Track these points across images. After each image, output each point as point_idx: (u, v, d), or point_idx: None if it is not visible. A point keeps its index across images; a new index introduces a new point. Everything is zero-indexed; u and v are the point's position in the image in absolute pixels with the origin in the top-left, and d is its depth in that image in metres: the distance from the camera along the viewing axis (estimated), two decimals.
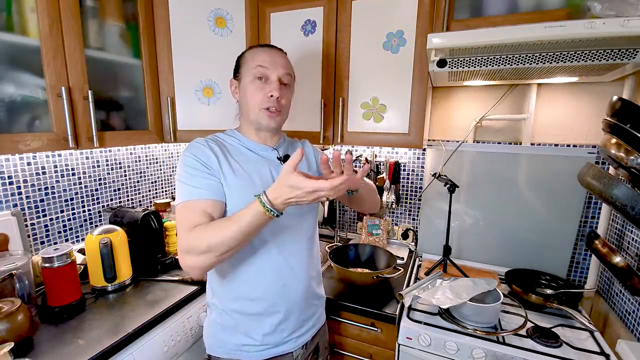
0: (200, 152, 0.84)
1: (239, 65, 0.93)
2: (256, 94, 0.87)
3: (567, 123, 1.35)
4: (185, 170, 0.82)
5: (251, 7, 1.41)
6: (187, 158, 0.83)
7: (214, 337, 0.92)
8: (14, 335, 0.84)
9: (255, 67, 0.87)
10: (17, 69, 0.93)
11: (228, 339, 0.90)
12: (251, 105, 0.88)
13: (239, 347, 0.89)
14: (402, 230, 1.65)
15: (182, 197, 0.81)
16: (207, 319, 0.96)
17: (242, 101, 0.92)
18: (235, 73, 0.94)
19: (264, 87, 0.87)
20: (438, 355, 1.05)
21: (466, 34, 0.98)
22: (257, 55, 0.89)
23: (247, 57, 0.91)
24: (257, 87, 0.87)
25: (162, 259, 1.34)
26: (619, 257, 0.98)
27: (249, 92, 0.88)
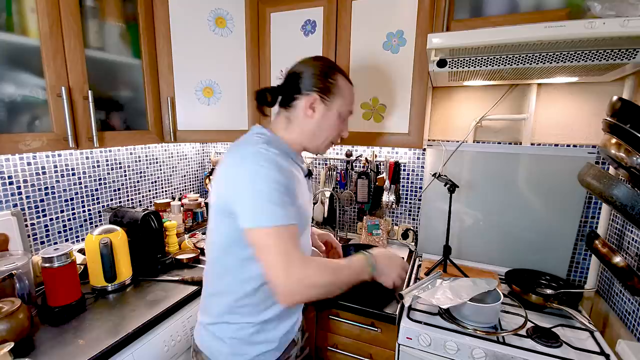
0: (284, 169, 0.78)
1: (332, 90, 0.87)
2: (335, 130, 0.91)
3: (567, 123, 1.35)
4: (277, 190, 0.73)
5: (251, 7, 1.41)
6: (275, 175, 0.75)
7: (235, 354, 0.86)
8: (14, 335, 0.84)
9: (348, 110, 0.92)
10: (17, 69, 0.94)
11: (249, 350, 0.86)
12: (325, 137, 0.91)
13: (259, 355, 0.87)
14: (402, 230, 1.65)
15: (276, 219, 0.72)
16: (217, 336, 0.87)
17: (317, 124, 0.88)
18: (324, 93, 0.87)
19: (341, 126, 0.93)
20: (438, 355, 1.05)
21: (466, 34, 0.97)
22: (352, 97, 0.93)
23: (344, 90, 0.90)
24: (339, 123, 0.91)
25: (162, 259, 1.34)
26: (619, 257, 0.98)
27: (330, 124, 0.89)
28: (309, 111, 0.87)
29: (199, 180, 2.08)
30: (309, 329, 1.27)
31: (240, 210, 0.74)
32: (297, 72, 0.89)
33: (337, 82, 0.88)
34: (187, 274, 1.28)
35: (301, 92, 0.87)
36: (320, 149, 0.93)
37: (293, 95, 0.88)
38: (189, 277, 1.24)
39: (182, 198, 1.84)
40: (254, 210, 0.73)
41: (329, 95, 0.87)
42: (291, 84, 0.89)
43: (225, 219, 0.79)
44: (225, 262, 0.84)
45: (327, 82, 0.87)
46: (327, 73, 0.88)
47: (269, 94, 0.90)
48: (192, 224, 1.81)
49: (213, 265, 0.88)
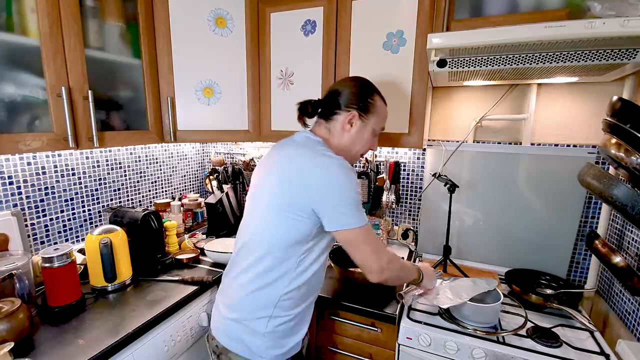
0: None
1: (370, 109, 0.97)
2: (368, 145, 1.01)
3: (567, 123, 1.35)
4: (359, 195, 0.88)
5: (251, 7, 1.41)
6: (356, 180, 0.88)
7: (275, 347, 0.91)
8: (14, 335, 0.84)
9: (380, 127, 1.02)
10: (17, 69, 0.93)
11: (285, 342, 0.93)
12: (359, 149, 1.00)
13: (293, 346, 0.94)
14: (402, 230, 1.65)
15: (363, 220, 0.86)
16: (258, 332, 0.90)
17: (353, 138, 0.97)
18: (363, 111, 0.96)
19: (373, 140, 1.02)
20: (438, 355, 1.05)
21: (466, 34, 0.98)
22: (385, 116, 1.02)
23: (380, 109, 0.99)
24: (372, 138, 1.01)
25: (162, 259, 1.34)
26: (619, 257, 0.98)
27: (365, 139, 0.99)
28: (347, 126, 0.96)
29: (199, 180, 2.08)
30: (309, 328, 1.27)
31: (330, 213, 0.85)
32: (339, 89, 0.98)
33: (375, 102, 0.98)
34: (187, 274, 1.28)
35: (341, 107, 0.96)
36: (353, 160, 1.01)
37: (334, 109, 0.97)
38: (189, 277, 1.24)
39: (182, 198, 1.84)
40: (348, 214, 0.84)
41: (366, 114, 0.96)
42: (332, 99, 0.97)
43: (297, 219, 0.86)
44: (282, 258, 0.89)
45: (367, 102, 0.96)
46: (367, 93, 0.97)
47: (311, 106, 0.98)
48: (192, 224, 1.81)
49: (261, 261, 0.90)
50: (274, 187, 0.89)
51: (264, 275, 0.90)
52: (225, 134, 1.51)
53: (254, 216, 0.95)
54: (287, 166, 0.89)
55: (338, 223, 0.85)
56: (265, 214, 0.91)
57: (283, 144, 0.99)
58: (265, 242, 0.90)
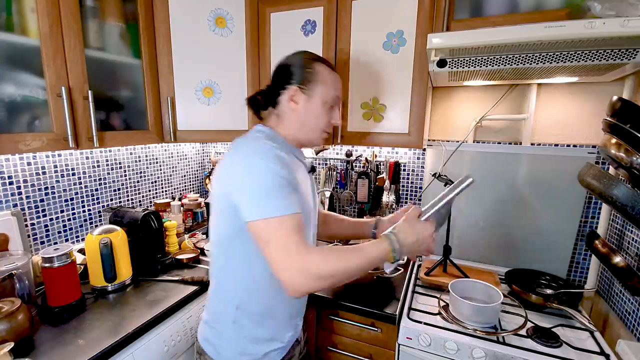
0: (284, 161, 0.78)
1: (311, 79, 0.86)
2: (323, 118, 0.89)
3: (567, 123, 1.35)
4: (279, 182, 0.74)
5: (251, 7, 1.41)
6: (275, 167, 0.75)
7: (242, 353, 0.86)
8: (14, 335, 0.84)
9: (334, 96, 0.89)
10: (17, 69, 0.93)
11: (256, 349, 0.87)
12: (315, 126, 0.89)
13: (267, 353, 0.87)
14: None
15: (280, 210, 0.71)
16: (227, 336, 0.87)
17: (303, 116, 0.88)
18: (303, 84, 0.86)
19: (330, 113, 0.90)
20: (438, 355, 1.05)
21: (466, 34, 0.97)
22: (335, 83, 0.90)
23: (325, 77, 0.88)
24: (325, 111, 0.89)
25: (162, 259, 1.34)
26: (619, 257, 0.98)
27: (315, 114, 0.88)
28: (291, 104, 0.87)
29: (199, 180, 2.08)
30: (309, 329, 1.27)
31: (242, 203, 0.74)
32: (278, 69, 0.90)
33: (314, 70, 0.87)
34: (187, 274, 1.28)
35: (282, 88, 0.88)
36: (313, 140, 0.91)
37: (277, 91, 0.89)
38: (189, 277, 1.24)
39: (182, 198, 1.84)
40: (254, 202, 0.73)
41: (307, 84, 0.86)
42: (274, 82, 0.90)
43: (227, 213, 0.79)
44: (229, 257, 0.84)
45: (305, 72, 0.87)
46: (304, 63, 0.88)
47: (260, 97, 0.92)
48: (192, 224, 1.81)
49: (216, 261, 0.88)
50: (214, 187, 0.84)
51: (221, 276, 0.87)
52: (225, 134, 1.51)
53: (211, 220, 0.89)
54: (221, 163, 0.83)
55: (246, 213, 0.73)
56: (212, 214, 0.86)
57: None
58: (213, 242, 0.87)
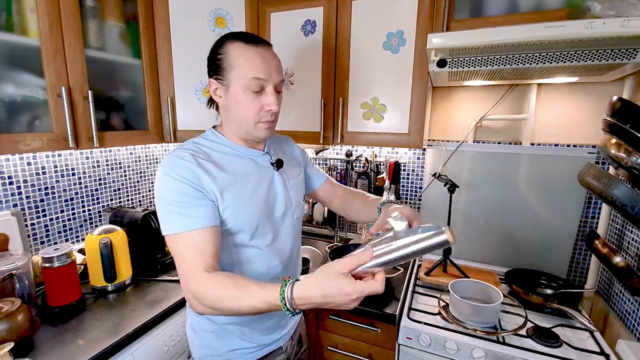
0: (189, 172, 0.72)
1: (222, 65, 0.76)
2: (251, 107, 0.76)
3: (567, 123, 1.35)
4: (176, 199, 0.70)
5: (251, 7, 1.41)
6: (175, 182, 0.70)
7: (204, 346, 0.86)
8: (14, 335, 0.84)
9: (251, 79, 0.74)
10: (17, 69, 0.94)
11: (221, 346, 0.85)
12: (244, 118, 0.78)
13: (232, 351, 0.85)
14: None
15: (175, 227, 0.70)
16: (192, 328, 0.88)
17: (230, 109, 0.79)
18: (216, 73, 0.78)
19: (260, 99, 0.76)
20: (438, 355, 1.05)
21: (466, 34, 0.97)
22: (251, 61, 0.75)
23: (235, 58, 0.75)
24: (251, 98, 0.76)
25: (162, 259, 1.34)
26: (619, 257, 0.98)
27: (241, 104, 0.76)
28: (216, 98, 0.80)
29: None
30: (309, 328, 1.27)
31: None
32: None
33: (226, 54, 0.76)
34: None
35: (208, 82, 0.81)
36: (252, 132, 0.80)
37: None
38: None
39: None
40: (159, 218, 0.72)
41: (221, 73, 0.77)
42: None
43: None
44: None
45: (215, 60, 0.78)
46: (215, 49, 0.79)
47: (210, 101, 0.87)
48: None
49: None
50: None
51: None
52: None
53: None
54: None
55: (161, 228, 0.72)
56: None
57: None
58: None
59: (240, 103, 0.76)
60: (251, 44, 0.76)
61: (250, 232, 0.79)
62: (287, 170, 0.91)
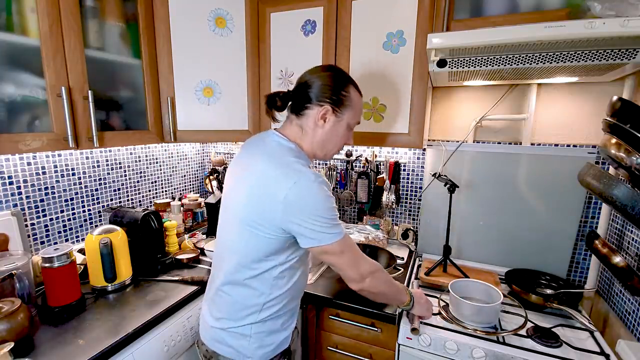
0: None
1: (344, 102, 0.90)
2: (342, 140, 0.96)
3: (567, 123, 1.35)
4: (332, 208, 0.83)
5: (251, 7, 1.41)
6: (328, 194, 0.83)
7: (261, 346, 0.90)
8: (14, 335, 0.84)
9: (356, 121, 0.95)
10: (17, 69, 0.93)
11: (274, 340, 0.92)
12: (334, 146, 0.95)
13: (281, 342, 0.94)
14: (402, 230, 1.65)
15: (339, 234, 0.84)
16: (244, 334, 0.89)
17: (326, 135, 0.91)
18: (336, 105, 0.89)
19: (348, 135, 0.96)
20: (438, 355, 1.05)
21: (466, 34, 0.97)
22: (360, 108, 0.96)
23: (356, 103, 0.93)
24: (347, 133, 0.95)
25: (162, 259, 1.34)
26: (619, 257, 0.98)
27: (339, 134, 0.93)
28: (320, 121, 0.89)
29: (199, 180, 2.08)
30: (309, 328, 1.27)
31: (303, 232, 0.81)
32: (309, 81, 0.90)
33: (349, 95, 0.91)
34: (187, 274, 1.28)
35: (312, 101, 0.89)
36: (328, 156, 0.97)
37: (305, 104, 0.90)
38: (189, 277, 1.24)
39: (182, 198, 1.84)
40: (323, 231, 0.81)
41: (340, 107, 0.90)
42: (303, 92, 0.90)
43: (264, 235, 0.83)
44: (258, 269, 0.87)
45: (340, 95, 0.89)
46: (341, 85, 0.90)
47: (280, 99, 0.92)
48: (192, 224, 1.81)
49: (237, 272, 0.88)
50: (244, 200, 0.85)
51: (242, 286, 0.88)
52: (225, 134, 1.51)
53: (226, 227, 0.93)
54: (255, 180, 0.83)
55: (313, 240, 0.82)
56: (235, 228, 0.88)
57: (254, 145, 0.94)
58: (237, 255, 0.88)
59: (340, 134, 0.94)
60: (360, 94, 0.96)
61: None
62: None
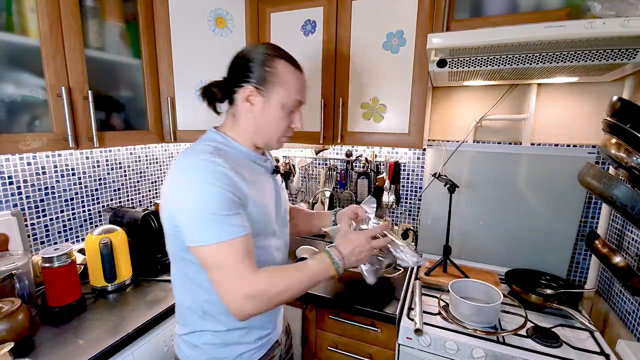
0: (230, 179, 0.72)
1: (269, 79, 0.78)
2: (282, 124, 0.82)
3: (567, 123, 1.35)
4: (222, 207, 0.69)
5: (251, 7, 1.41)
6: (218, 189, 0.69)
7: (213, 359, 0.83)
8: (14, 335, 0.84)
9: (294, 100, 0.81)
10: (17, 69, 0.93)
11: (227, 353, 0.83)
12: (272, 131, 0.82)
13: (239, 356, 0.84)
14: (402, 230, 1.65)
15: (221, 236, 0.69)
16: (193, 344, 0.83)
17: (258, 120, 0.80)
18: (260, 84, 0.78)
19: (290, 117, 0.83)
20: (438, 355, 1.05)
21: (466, 34, 0.98)
22: (297, 83, 0.81)
23: (287, 78, 0.79)
24: (284, 116, 0.81)
25: (162, 259, 1.34)
26: (619, 257, 0.98)
27: (275, 119, 0.80)
28: (246, 104, 0.79)
29: None
30: (309, 328, 1.27)
31: (183, 227, 0.71)
32: (235, 61, 0.81)
33: (275, 70, 0.78)
34: None
35: (237, 84, 0.79)
36: (270, 144, 0.84)
37: (232, 88, 0.80)
38: None
39: None
40: (195, 228, 0.70)
41: (265, 85, 0.78)
42: (230, 76, 0.81)
43: (173, 230, 0.75)
44: (184, 271, 0.80)
45: (263, 71, 0.77)
46: (263, 60, 0.78)
47: (217, 89, 0.82)
48: None
49: (174, 274, 0.85)
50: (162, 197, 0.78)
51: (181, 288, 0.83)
52: None
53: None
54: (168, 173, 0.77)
55: (191, 239, 0.70)
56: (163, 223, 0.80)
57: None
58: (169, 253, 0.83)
59: (274, 117, 0.81)
60: (297, 68, 0.83)
61: (264, 235, 0.82)
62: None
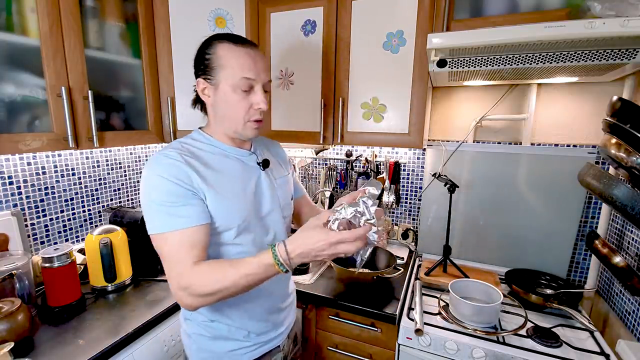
0: (179, 171, 0.73)
1: (211, 65, 0.77)
2: (240, 106, 0.78)
3: (567, 123, 1.35)
4: (166, 199, 0.71)
5: (251, 7, 1.41)
6: (164, 181, 0.71)
7: (201, 350, 0.86)
8: (14, 335, 0.84)
9: (240, 78, 0.76)
10: (17, 69, 0.93)
11: (218, 348, 0.85)
12: (234, 118, 0.79)
13: (230, 352, 0.85)
14: (402, 230, 1.65)
15: (164, 227, 0.71)
16: (188, 334, 0.88)
17: (219, 109, 0.80)
18: (204, 72, 0.78)
19: (249, 98, 0.78)
20: (438, 355, 1.05)
21: (466, 34, 0.97)
22: (240, 61, 0.76)
23: (224, 58, 0.76)
24: (241, 97, 0.78)
25: None
26: (619, 257, 0.98)
27: (231, 103, 0.78)
28: (205, 98, 0.81)
29: None
30: (309, 329, 1.27)
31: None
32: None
33: (214, 54, 0.77)
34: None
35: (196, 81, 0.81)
36: (240, 131, 0.81)
37: (194, 88, 0.83)
38: None
39: None
40: (147, 217, 0.74)
41: (210, 73, 0.78)
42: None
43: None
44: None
45: (204, 60, 0.78)
46: (203, 48, 0.80)
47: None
48: None
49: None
50: None
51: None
52: None
53: None
54: None
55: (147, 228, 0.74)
56: None
57: None
58: None
59: (230, 102, 0.78)
60: (239, 44, 0.78)
61: (236, 231, 0.80)
62: (274, 170, 0.92)
